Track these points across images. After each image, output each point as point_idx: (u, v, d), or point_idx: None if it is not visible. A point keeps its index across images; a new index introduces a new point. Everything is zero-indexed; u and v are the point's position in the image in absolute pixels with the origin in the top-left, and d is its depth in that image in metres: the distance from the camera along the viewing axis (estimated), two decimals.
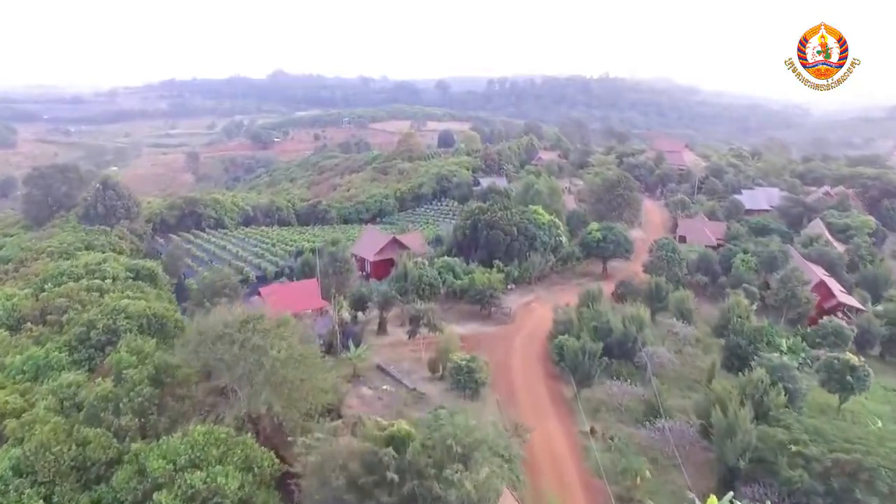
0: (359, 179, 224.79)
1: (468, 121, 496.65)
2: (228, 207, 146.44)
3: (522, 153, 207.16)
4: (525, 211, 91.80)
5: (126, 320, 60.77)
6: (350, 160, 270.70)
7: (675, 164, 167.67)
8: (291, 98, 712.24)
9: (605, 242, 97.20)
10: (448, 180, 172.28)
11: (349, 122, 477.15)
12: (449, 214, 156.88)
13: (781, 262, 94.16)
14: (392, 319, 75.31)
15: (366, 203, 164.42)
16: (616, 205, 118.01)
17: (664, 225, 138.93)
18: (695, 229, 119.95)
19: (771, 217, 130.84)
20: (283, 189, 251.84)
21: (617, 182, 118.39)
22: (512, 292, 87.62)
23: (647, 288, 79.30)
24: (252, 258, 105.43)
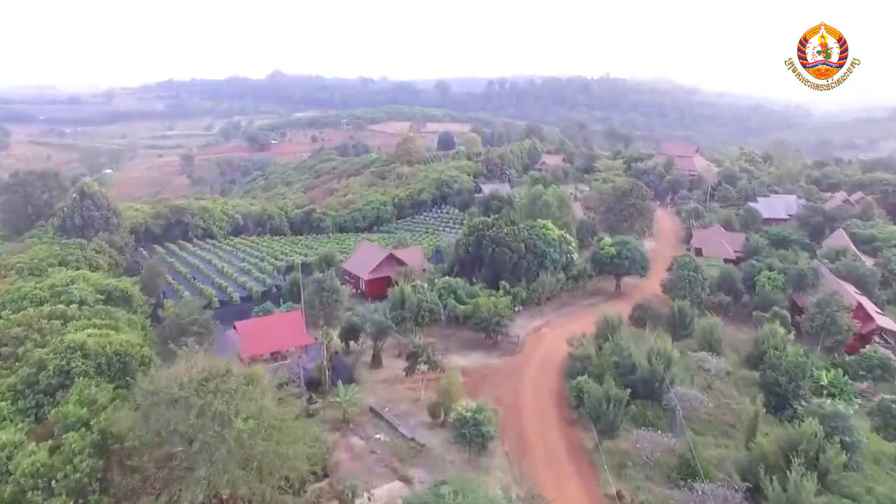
0: (356, 184, 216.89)
1: (468, 122, 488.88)
2: (217, 216, 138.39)
3: (525, 157, 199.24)
4: (533, 226, 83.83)
5: (82, 360, 52.80)
6: (347, 163, 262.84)
7: (686, 169, 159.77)
8: (290, 99, 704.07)
9: (619, 258, 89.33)
10: (448, 186, 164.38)
11: (347, 123, 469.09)
12: (449, 223, 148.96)
13: (811, 281, 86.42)
14: (388, 348, 67.52)
15: (363, 211, 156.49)
16: (628, 215, 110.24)
17: (676, 235, 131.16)
18: (711, 241, 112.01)
19: (791, 227, 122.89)
20: (279, 193, 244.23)
21: (629, 191, 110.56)
22: (519, 315, 79.72)
23: (670, 313, 71.46)
24: (238, 275, 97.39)
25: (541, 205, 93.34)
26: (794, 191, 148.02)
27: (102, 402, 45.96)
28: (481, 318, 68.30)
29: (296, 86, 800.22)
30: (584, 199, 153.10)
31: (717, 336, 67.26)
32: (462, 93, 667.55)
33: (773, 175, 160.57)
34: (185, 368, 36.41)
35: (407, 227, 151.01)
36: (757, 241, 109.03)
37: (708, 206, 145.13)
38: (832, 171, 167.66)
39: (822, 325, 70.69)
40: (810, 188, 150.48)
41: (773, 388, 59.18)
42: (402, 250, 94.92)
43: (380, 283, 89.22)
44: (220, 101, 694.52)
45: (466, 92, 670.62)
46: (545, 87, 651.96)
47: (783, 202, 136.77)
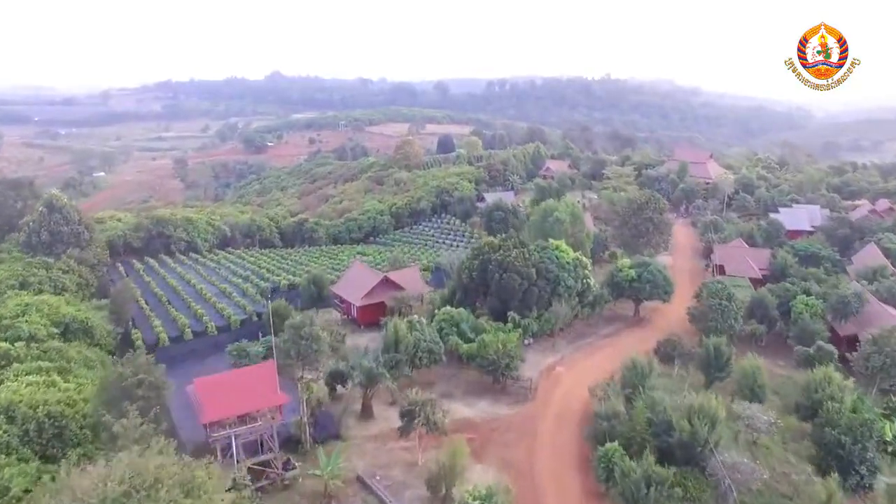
0: (352, 190, 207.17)
1: (468, 123, 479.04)
2: (202, 228, 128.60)
3: (529, 162, 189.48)
4: (545, 247, 74.20)
5: (6, 425, 43.52)
6: (344, 167, 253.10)
7: (700, 176, 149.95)
8: (288, 100, 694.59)
9: (639, 282, 79.80)
10: (449, 194, 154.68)
11: (345, 125, 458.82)
12: (450, 234, 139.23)
13: (854, 308, 76.89)
14: (382, 393, 58.00)
15: (358, 220, 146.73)
16: (644, 230, 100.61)
17: (693, 248, 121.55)
18: (735, 258, 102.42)
19: (818, 241, 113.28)
20: (273, 199, 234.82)
21: (645, 203, 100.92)
22: (530, 349, 70.18)
23: (704, 353, 61.90)
24: (217, 298, 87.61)
25: (552, 221, 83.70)
26: (815, 200, 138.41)
27: (16, 491, 36.51)
28: (488, 361, 58.67)
29: (294, 87, 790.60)
30: (592, 208, 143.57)
31: (761, 382, 57.66)
32: (462, 94, 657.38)
33: (791, 182, 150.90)
34: (100, 477, 26.85)
35: (405, 239, 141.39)
36: (784, 259, 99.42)
37: (725, 216, 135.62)
38: (853, 178, 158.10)
39: (882, 366, 61.08)
40: (832, 197, 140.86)
41: (832, 448, 49.85)
42: (398, 272, 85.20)
43: (373, 309, 79.71)
44: (217, 102, 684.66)
45: (466, 93, 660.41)
46: (545, 88, 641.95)
47: (806, 213, 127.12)
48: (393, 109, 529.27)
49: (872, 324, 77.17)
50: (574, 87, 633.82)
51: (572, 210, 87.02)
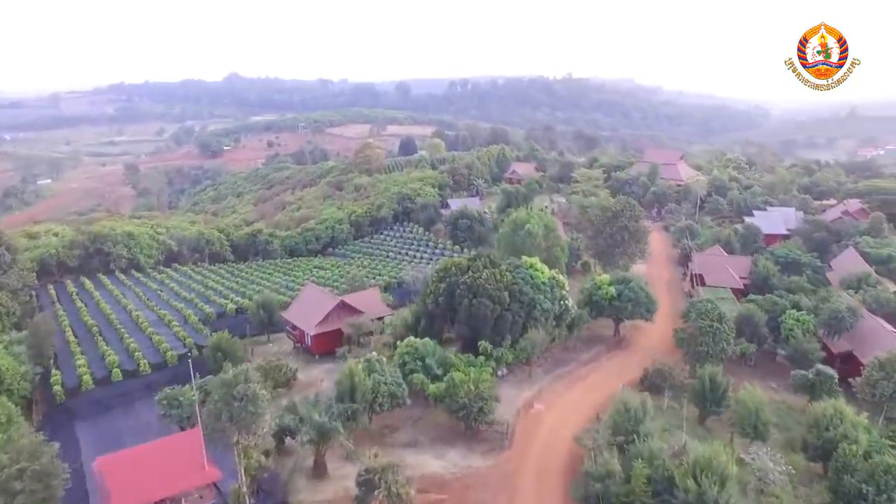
0: (311, 196, 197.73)
1: (430, 124, 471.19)
2: (145, 243, 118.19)
3: (494, 165, 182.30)
4: (518, 267, 66.71)
5: None
6: (303, 172, 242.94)
7: (671, 178, 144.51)
8: (246, 102, 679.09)
9: (620, 301, 72.99)
10: (411, 201, 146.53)
11: (305, 127, 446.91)
12: (413, 243, 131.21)
13: (848, 324, 71.34)
14: (338, 446, 49.82)
15: (315, 230, 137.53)
16: (620, 239, 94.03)
17: (668, 255, 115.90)
18: (714, 267, 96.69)
19: (795, 246, 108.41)
20: (229, 206, 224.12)
21: (620, 211, 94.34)
22: (504, 381, 62.74)
23: (699, 385, 55.23)
24: (155, 327, 77.95)
25: (524, 235, 76.29)
26: (788, 201, 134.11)
27: None
28: (459, 405, 50.96)
29: (253, 88, 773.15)
30: (561, 213, 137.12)
31: (765, 419, 51.07)
32: (423, 94, 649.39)
33: (762, 183, 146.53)
34: None
35: (366, 250, 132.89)
36: (766, 268, 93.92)
37: (697, 219, 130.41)
38: (822, 178, 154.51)
39: (892, 394, 55.12)
40: (805, 198, 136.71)
41: (853, 500, 43.51)
42: (356, 295, 77.00)
43: (329, 337, 71.50)
44: (173, 105, 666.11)
45: (428, 93, 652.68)
46: (507, 87, 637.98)
47: (781, 216, 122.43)
48: (354, 111, 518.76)
49: (867, 340, 71.89)
50: (536, 86, 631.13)
51: (546, 221, 79.69)
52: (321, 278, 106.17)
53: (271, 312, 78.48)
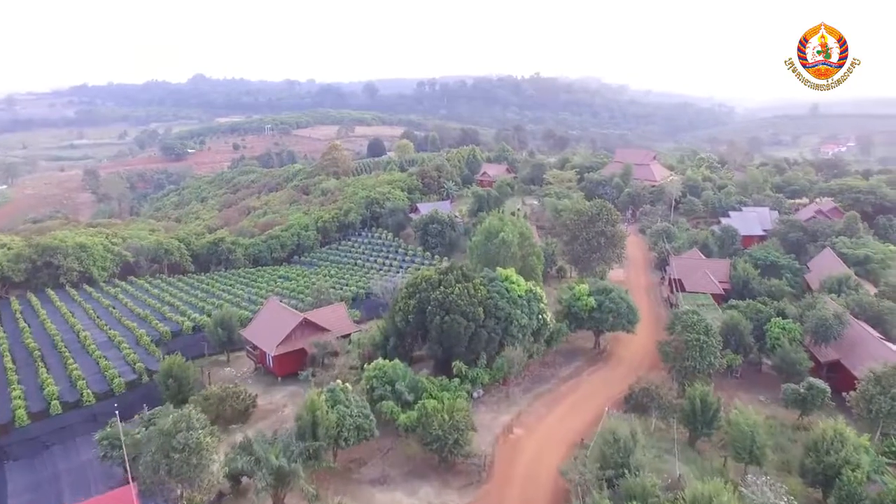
0: (277, 201, 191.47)
1: (399, 124, 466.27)
2: (98, 255, 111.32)
3: (464, 167, 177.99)
4: (493, 280, 62.31)
5: None
6: (268, 176, 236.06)
7: (645, 179, 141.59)
8: (212, 103, 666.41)
9: (600, 312, 69.06)
10: (380, 205, 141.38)
11: (272, 129, 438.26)
12: (382, 250, 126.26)
13: (835, 332, 68.38)
14: None
15: (280, 238, 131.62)
16: (596, 244, 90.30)
17: (645, 258, 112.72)
18: (693, 271, 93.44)
19: (772, 247, 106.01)
20: (192, 212, 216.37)
21: (596, 215, 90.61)
22: (480, 403, 58.38)
23: (689, 406, 51.44)
24: (104, 350, 71.85)
25: (498, 244, 71.89)
26: (762, 201, 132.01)
27: None
28: (433, 437, 46.39)
29: (219, 90, 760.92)
30: (534, 216, 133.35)
31: (761, 442, 47.42)
32: (391, 94, 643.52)
33: (736, 183, 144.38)
34: None
35: (333, 258, 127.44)
36: (745, 271, 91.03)
37: (672, 219, 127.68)
38: (794, 177, 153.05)
39: (890, 410, 51.89)
40: (778, 197, 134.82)
41: None
42: (321, 311, 71.92)
43: (292, 358, 66.41)
44: (137, 107, 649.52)
45: (396, 94, 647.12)
46: (476, 87, 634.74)
47: (757, 216, 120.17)
48: (321, 112, 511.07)
49: (854, 348, 69.07)
50: (505, 86, 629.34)
51: (521, 229, 75.35)
52: (286, 290, 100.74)
53: (230, 330, 73.03)
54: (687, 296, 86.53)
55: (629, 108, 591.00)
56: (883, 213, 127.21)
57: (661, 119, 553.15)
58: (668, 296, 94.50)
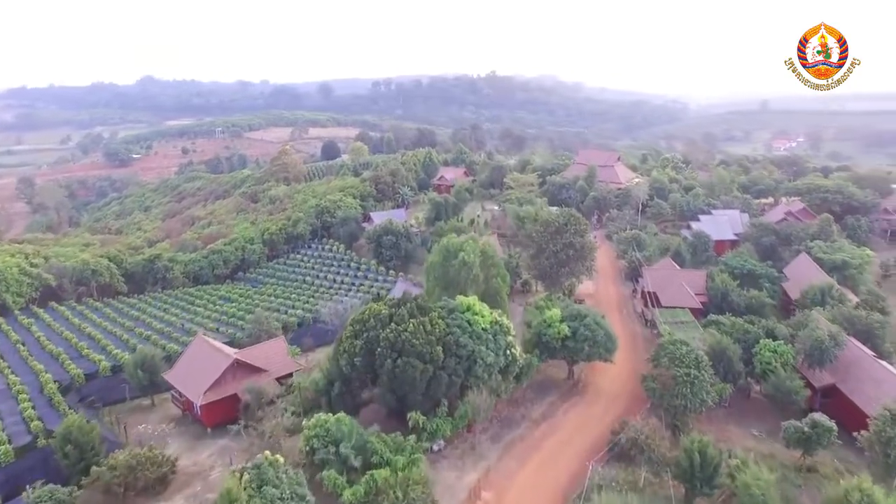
0: (223, 210, 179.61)
1: (354, 125, 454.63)
2: (13, 279, 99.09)
3: (420, 170, 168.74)
4: (453, 311, 53.48)
5: None
6: (216, 182, 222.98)
7: (610, 181, 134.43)
8: (161, 106, 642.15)
9: (574, 341, 60.87)
10: (331, 214, 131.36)
11: (223, 132, 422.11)
12: (332, 264, 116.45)
13: (832, 355, 61.59)
14: None
15: (223, 252, 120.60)
16: (565, 257, 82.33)
17: (614, 267, 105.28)
18: (668, 283, 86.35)
19: (746, 253, 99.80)
20: (134, 223, 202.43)
21: (564, 226, 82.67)
22: (441, 458, 49.61)
23: (686, 460, 43.52)
24: (0, 401, 61.10)
25: (458, 265, 63.10)
26: (730, 203, 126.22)
27: None
28: None
29: (168, 92, 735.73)
30: (495, 222, 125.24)
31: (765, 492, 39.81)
32: (347, 95, 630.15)
33: (702, 183, 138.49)
34: None
35: (280, 273, 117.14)
36: (724, 282, 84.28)
37: (640, 224, 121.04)
38: (760, 177, 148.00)
39: None
40: (746, 198, 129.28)
41: None
42: (256, 349, 62.14)
43: (223, 406, 56.71)
44: (81, 111, 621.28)
45: (351, 94, 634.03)
46: (432, 86, 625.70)
47: (728, 219, 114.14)
48: (274, 113, 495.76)
49: (850, 371, 62.42)
50: (461, 85, 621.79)
51: (484, 248, 66.61)
52: (224, 315, 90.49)
53: (153, 372, 62.83)
54: (664, 311, 79.35)
55: (585, 105, 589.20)
56: (851, 213, 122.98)
57: (617, 117, 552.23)
58: (643, 311, 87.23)
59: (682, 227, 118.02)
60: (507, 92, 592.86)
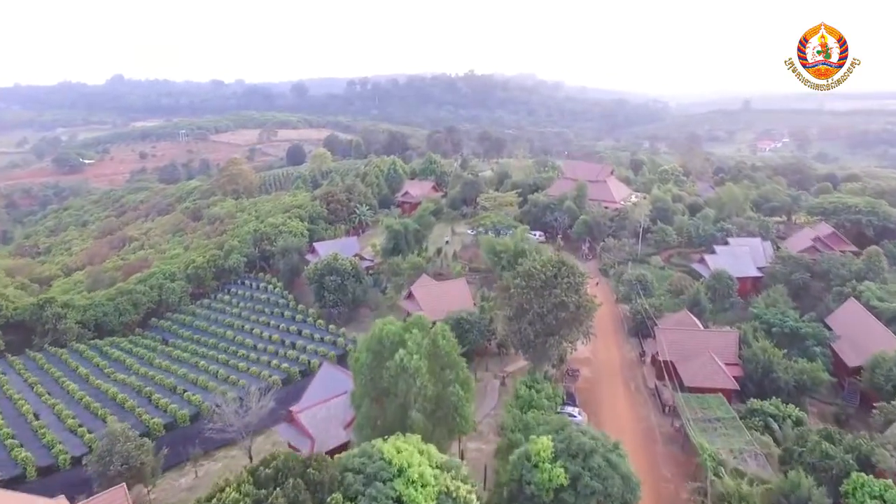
0: (160, 229, 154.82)
1: (326, 126, 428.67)
2: None
3: (384, 184, 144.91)
4: (372, 481, 30.50)
5: None
6: (161, 195, 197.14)
7: (602, 200, 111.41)
8: (129, 107, 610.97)
9: (575, 495, 38.00)
10: (271, 242, 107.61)
11: (187, 134, 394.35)
12: (266, 310, 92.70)
13: None
14: None
15: (133, 294, 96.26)
16: (554, 323, 59.64)
17: (612, 316, 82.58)
18: (691, 350, 64.20)
19: (781, 299, 77.82)
20: (66, 241, 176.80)
21: (554, 277, 60.01)
22: None
23: None
24: None
25: (395, 372, 39.73)
26: (746, 225, 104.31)
27: None
28: None
29: (138, 91, 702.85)
30: (465, 252, 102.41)
31: None
32: (322, 95, 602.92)
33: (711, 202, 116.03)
34: None
35: (201, 320, 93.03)
36: (766, 352, 62.08)
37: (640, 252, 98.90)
38: (772, 192, 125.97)
39: None
40: (764, 221, 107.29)
41: None
42: None
43: None
44: (44, 111, 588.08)
45: (326, 94, 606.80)
46: (409, 86, 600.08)
47: (749, 250, 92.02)
48: (244, 115, 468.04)
49: None
50: (439, 84, 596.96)
51: (434, 338, 43.39)
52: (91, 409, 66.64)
53: None
54: (689, 398, 57.03)
55: (565, 104, 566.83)
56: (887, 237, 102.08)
57: (598, 116, 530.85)
58: (657, 386, 65.04)
59: (694, 260, 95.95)
60: (486, 91, 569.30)
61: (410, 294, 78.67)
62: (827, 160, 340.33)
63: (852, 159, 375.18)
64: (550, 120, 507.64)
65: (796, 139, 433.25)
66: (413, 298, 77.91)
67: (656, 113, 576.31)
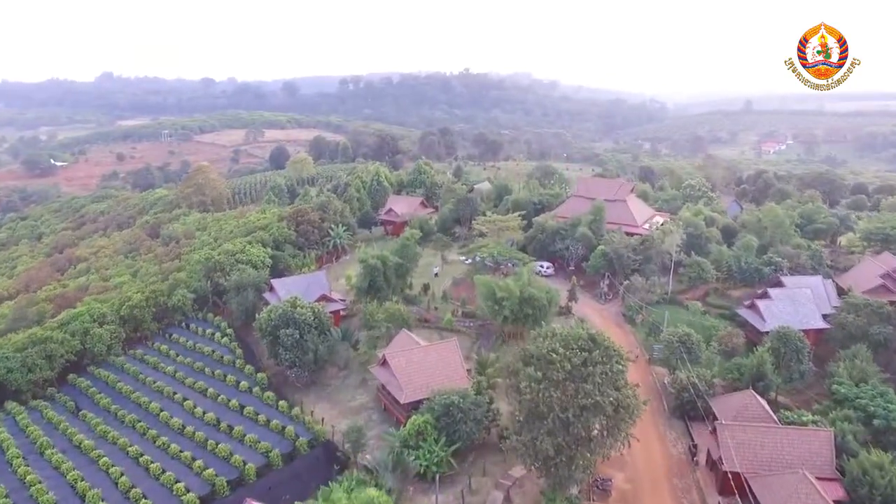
0: (112, 248, 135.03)
1: (316, 127, 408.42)
2: None
3: (366, 199, 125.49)
4: None
5: None
6: (123, 205, 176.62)
7: (622, 224, 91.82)
8: (116, 105, 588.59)
9: None
10: (225, 274, 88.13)
11: (170, 134, 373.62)
12: (208, 367, 73.07)
13: None
14: None
15: (49, 343, 76.72)
16: (584, 431, 40.80)
17: (648, 385, 63.32)
18: (766, 458, 46.06)
19: (870, 368, 59.04)
20: (13, 257, 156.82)
21: (583, 364, 41.26)
22: None
23: None
24: None
25: None
26: (795, 257, 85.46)
27: None
28: None
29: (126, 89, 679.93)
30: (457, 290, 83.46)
31: None
32: (313, 94, 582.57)
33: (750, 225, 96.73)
34: None
35: (130, 380, 73.55)
36: (880, 466, 43.40)
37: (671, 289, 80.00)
38: (815, 212, 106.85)
39: None
40: (816, 251, 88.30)
41: None
42: None
43: None
44: (28, 109, 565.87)
45: (318, 92, 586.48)
46: (403, 85, 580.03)
47: (812, 295, 73.05)
48: (231, 114, 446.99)
49: None
50: (433, 83, 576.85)
51: None
52: None
53: None
54: None
55: (562, 104, 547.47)
56: None
57: (595, 116, 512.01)
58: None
59: (738, 302, 77.09)
60: (482, 90, 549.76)
61: (385, 361, 59.60)
62: (835, 163, 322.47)
63: (861, 163, 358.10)
64: (547, 120, 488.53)
65: (801, 141, 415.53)
66: (387, 366, 58.90)
67: (654, 113, 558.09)
